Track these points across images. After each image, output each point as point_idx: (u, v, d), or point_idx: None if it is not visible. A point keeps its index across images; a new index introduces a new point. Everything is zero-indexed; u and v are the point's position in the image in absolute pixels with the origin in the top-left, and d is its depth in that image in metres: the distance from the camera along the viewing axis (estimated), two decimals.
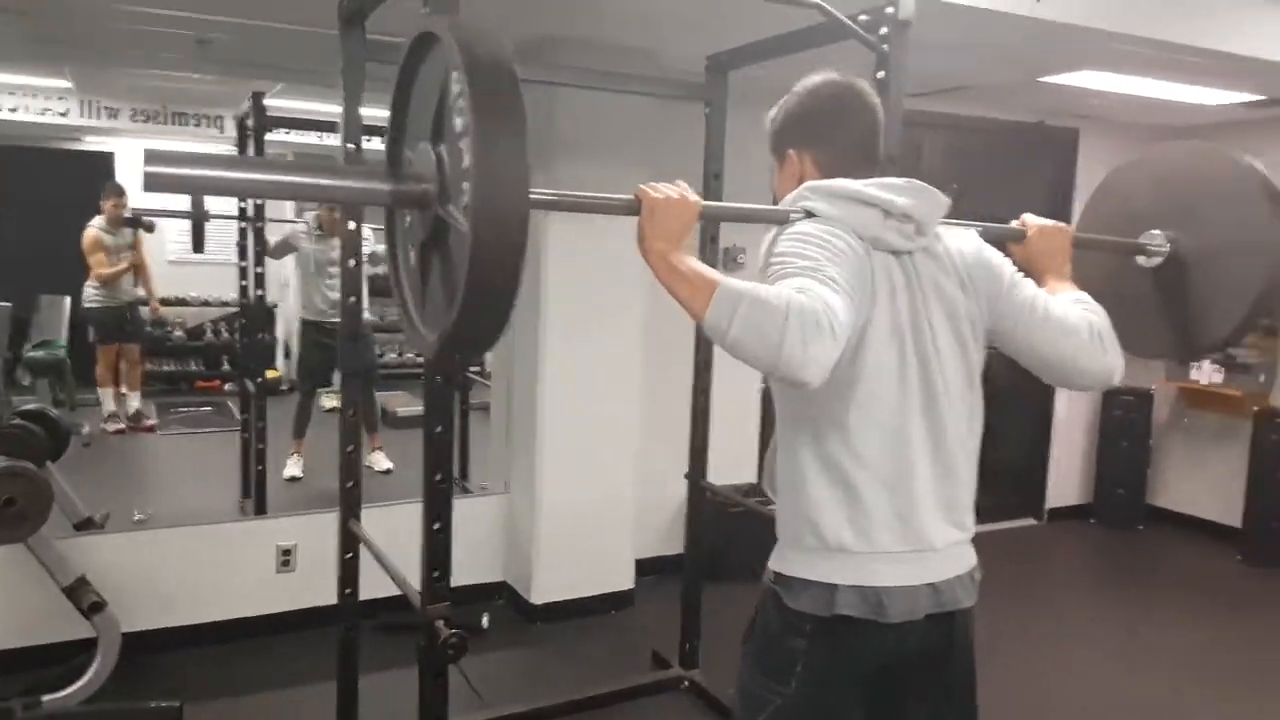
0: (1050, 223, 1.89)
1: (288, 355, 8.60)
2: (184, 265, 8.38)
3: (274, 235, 5.57)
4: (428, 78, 1.47)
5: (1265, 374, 5.22)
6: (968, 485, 1.66)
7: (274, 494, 4.66)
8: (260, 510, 4.46)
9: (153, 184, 1.27)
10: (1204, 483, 5.56)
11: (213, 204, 5.95)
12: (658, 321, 4.03)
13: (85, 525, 3.48)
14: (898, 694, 1.65)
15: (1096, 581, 5.16)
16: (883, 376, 1.55)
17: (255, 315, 5.55)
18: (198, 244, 5.87)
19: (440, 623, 2.02)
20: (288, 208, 7.12)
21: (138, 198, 6.89)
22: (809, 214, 1.57)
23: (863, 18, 2.42)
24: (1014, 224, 1.90)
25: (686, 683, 3.42)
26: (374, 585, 2.71)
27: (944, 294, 1.62)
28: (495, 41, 1.29)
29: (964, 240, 1.70)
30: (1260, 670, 3.88)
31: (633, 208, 1.53)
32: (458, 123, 1.28)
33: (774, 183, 1.77)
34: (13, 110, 6.76)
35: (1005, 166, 5.60)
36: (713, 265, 3.20)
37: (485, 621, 3.87)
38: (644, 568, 4.32)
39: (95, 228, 6.59)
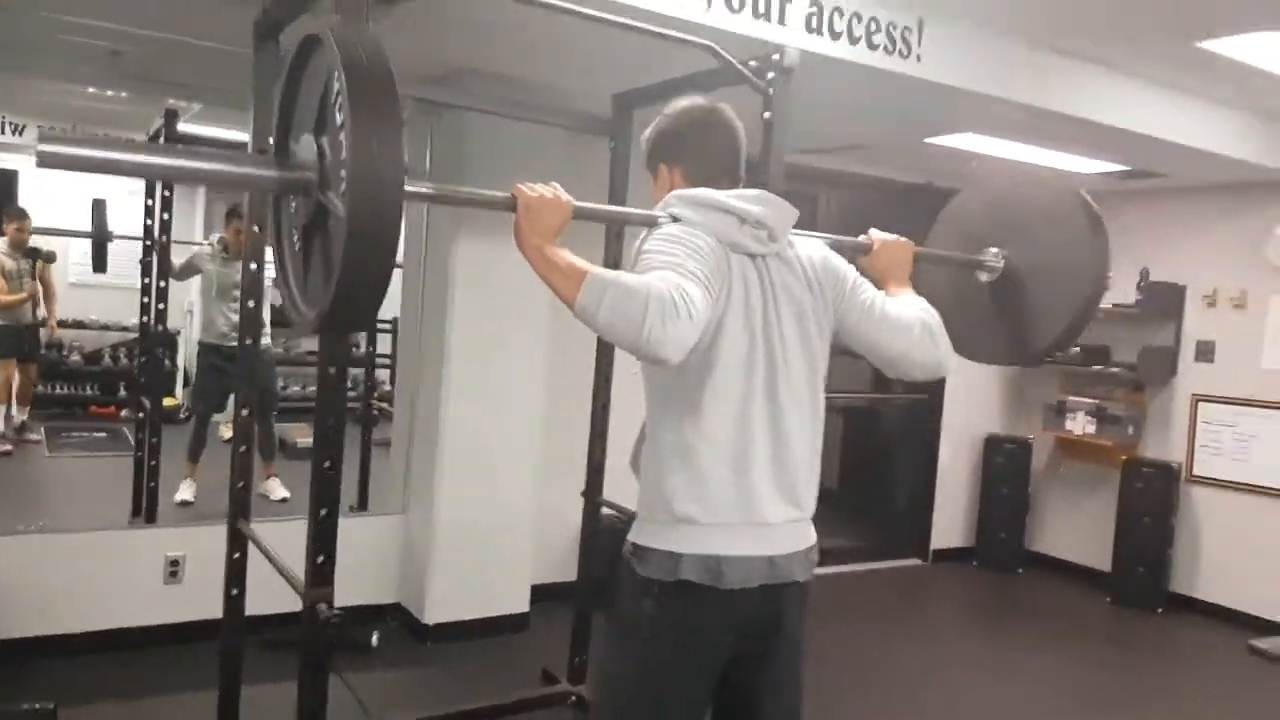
0: (893, 237, 2.12)
1: (187, 384, 8.44)
2: (84, 288, 8.20)
3: (179, 257, 5.53)
4: (313, 76, 1.60)
5: (1134, 426, 5.59)
6: (806, 469, 1.82)
7: (165, 514, 4.59)
8: (150, 521, 4.39)
9: (47, 161, 1.37)
10: (1078, 529, 5.88)
11: (116, 224, 5.93)
12: (561, 348, 4.16)
13: None
14: (738, 663, 1.79)
15: (978, 617, 5.37)
16: (733, 365, 1.72)
17: (156, 338, 5.48)
18: (99, 264, 5.81)
19: (323, 605, 2.07)
20: (196, 229, 7.08)
21: (41, 216, 6.80)
22: (674, 219, 1.75)
23: (753, 63, 2.65)
24: (861, 238, 2.10)
25: (574, 697, 3.48)
26: (261, 600, 2.77)
27: (793, 295, 1.81)
28: (373, 44, 1.43)
29: (813, 249, 1.90)
30: (1126, 696, 4.13)
31: (509, 204, 1.68)
32: (338, 117, 1.41)
33: (651, 195, 1.93)
34: None
35: (896, 224, 5.88)
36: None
37: (375, 640, 3.87)
38: (541, 593, 4.35)
39: None
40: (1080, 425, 5.71)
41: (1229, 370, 5.27)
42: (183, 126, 4.80)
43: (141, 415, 5.11)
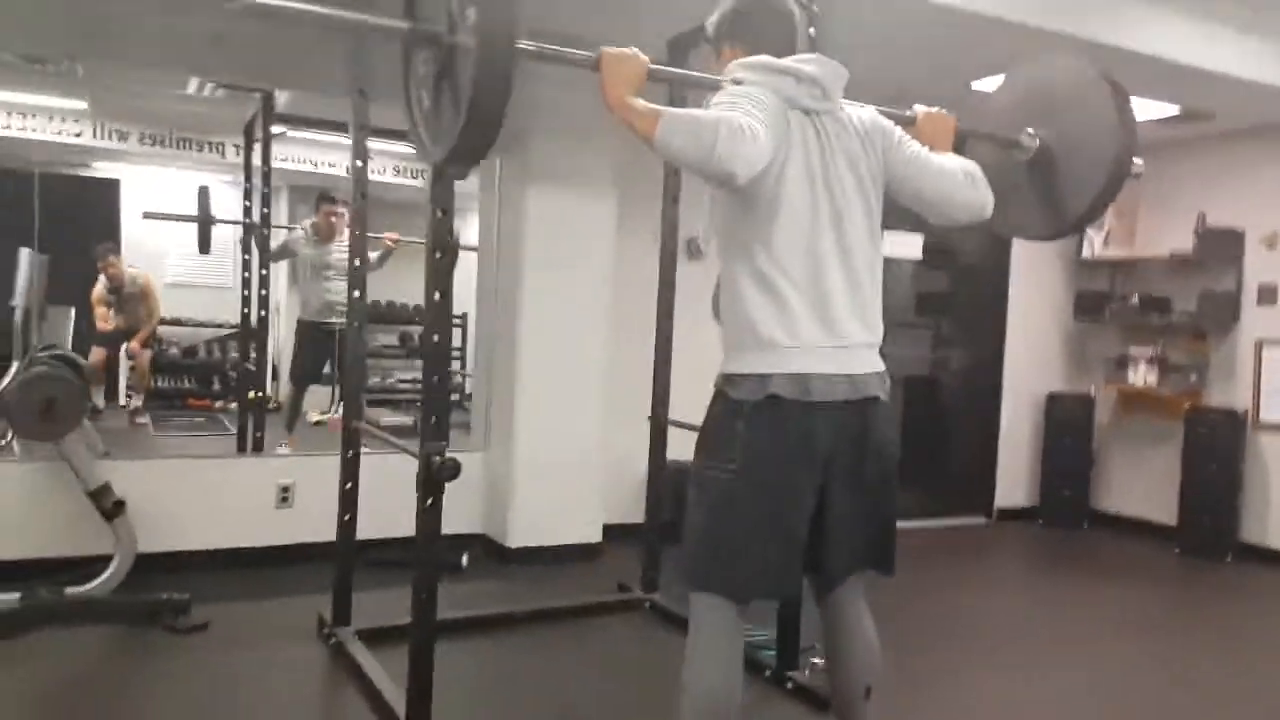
0: (936, 110, 2.32)
1: (275, 378, 8.93)
2: (182, 288, 8.75)
3: (274, 241, 5.94)
4: None
5: (1197, 374, 5.62)
6: (873, 298, 2.04)
7: None
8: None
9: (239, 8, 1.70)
10: (1143, 484, 5.88)
11: (217, 208, 6.37)
12: (624, 303, 4.44)
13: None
14: (830, 483, 1.97)
15: (1045, 571, 5.37)
16: (799, 205, 1.95)
17: (250, 333, 5.78)
18: (204, 246, 6.25)
19: (436, 457, 2.36)
20: (282, 216, 7.52)
21: (143, 223, 7.26)
22: (737, 83, 1.99)
23: None
24: (907, 112, 2.32)
25: (649, 604, 3.70)
26: (368, 526, 3.19)
27: (848, 148, 2.03)
28: None
29: (864, 111, 2.12)
30: (1191, 629, 4.17)
31: (594, 63, 1.95)
32: None
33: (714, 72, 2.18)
34: (25, 130, 7.15)
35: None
36: (673, 254, 3.71)
37: (465, 560, 4.16)
38: (611, 533, 4.60)
39: (100, 286, 7.23)
40: (1142, 377, 5.76)
41: None
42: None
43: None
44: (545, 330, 4.39)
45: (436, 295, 2.41)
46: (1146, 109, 5.09)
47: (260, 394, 5.47)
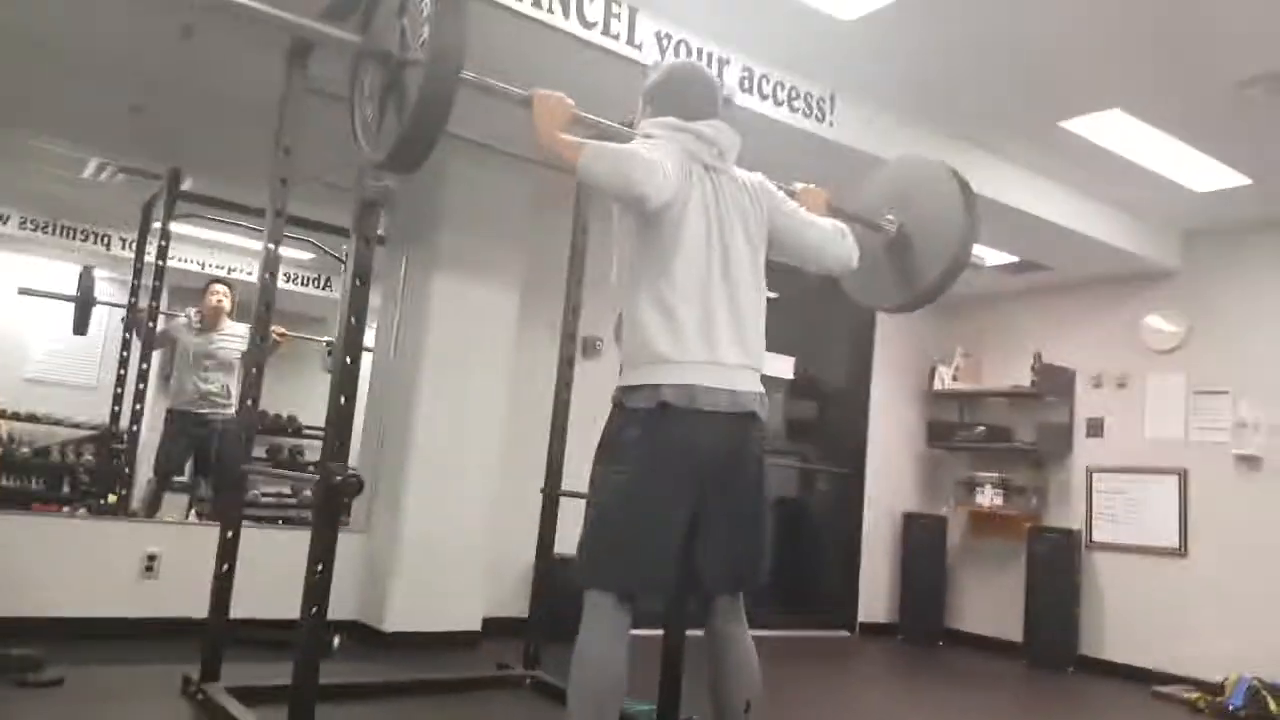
0: (813, 186, 2.69)
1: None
2: (42, 384, 8.37)
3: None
4: None
5: (1037, 497, 6.12)
6: (755, 331, 2.33)
7: None
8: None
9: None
10: (992, 602, 6.26)
11: (99, 290, 6.27)
12: (523, 377, 4.61)
13: None
14: (707, 488, 2.20)
15: (904, 681, 5.56)
16: (695, 243, 2.25)
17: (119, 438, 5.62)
18: (80, 326, 6.10)
19: (337, 476, 2.43)
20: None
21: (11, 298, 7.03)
22: (647, 136, 2.31)
23: None
24: (790, 186, 2.67)
25: (529, 680, 3.70)
26: (240, 605, 3.22)
27: (739, 202, 2.36)
28: None
29: (753, 175, 2.47)
30: None
31: (526, 100, 2.25)
32: (424, 8, 2.00)
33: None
34: None
35: (811, 304, 6.52)
36: (571, 356, 3.91)
37: (336, 643, 4.06)
38: (490, 626, 4.58)
39: None
40: (989, 498, 6.22)
41: (1117, 442, 5.87)
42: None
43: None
44: (440, 414, 4.49)
45: (352, 320, 2.54)
46: (993, 256, 5.74)
47: (124, 491, 5.29)
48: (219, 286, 5.85)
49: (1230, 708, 4.55)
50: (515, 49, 3.28)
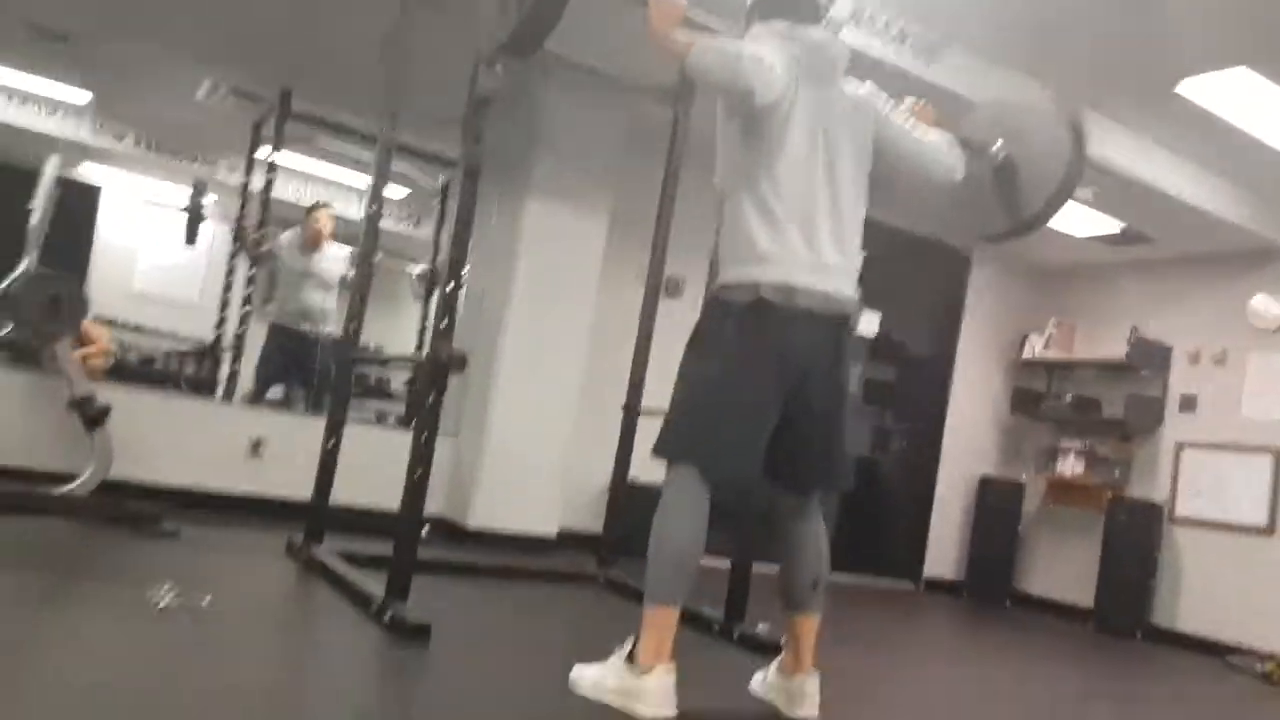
0: (923, 101, 2.72)
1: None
2: (147, 299, 8.76)
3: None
4: None
5: (1120, 469, 6.02)
6: (854, 236, 2.36)
7: None
8: None
9: None
10: (1065, 571, 6.19)
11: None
12: (606, 310, 4.72)
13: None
14: (798, 387, 2.25)
15: (971, 634, 5.53)
16: (800, 145, 2.28)
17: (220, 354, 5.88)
18: (190, 236, 6.37)
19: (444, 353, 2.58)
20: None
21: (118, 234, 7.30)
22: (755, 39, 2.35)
23: None
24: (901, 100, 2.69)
25: (603, 579, 3.83)
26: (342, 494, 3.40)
27: (845, 111, 2.37)
28: None
29: (863, 85, 2.48)
30: (1100, 690, 4.32)
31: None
32: None
33: None
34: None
35: (899, 273, 6.49)
36: (656, 294, 3.98)
37: (425, 531, 4.23)
38: (566, 538, 4.74)
39: None
40: (1070, 467, 6.14)
41: (1210, 419, 5.74)
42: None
43: None
44: (527, 336, 4.64)
45: (463, 215, 2.66)
46: (1095, 224, 5.64)
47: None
48: (323, 209, 6.01)
49: None
50: None
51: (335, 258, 5.81)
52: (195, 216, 6.27)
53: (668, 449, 2.27)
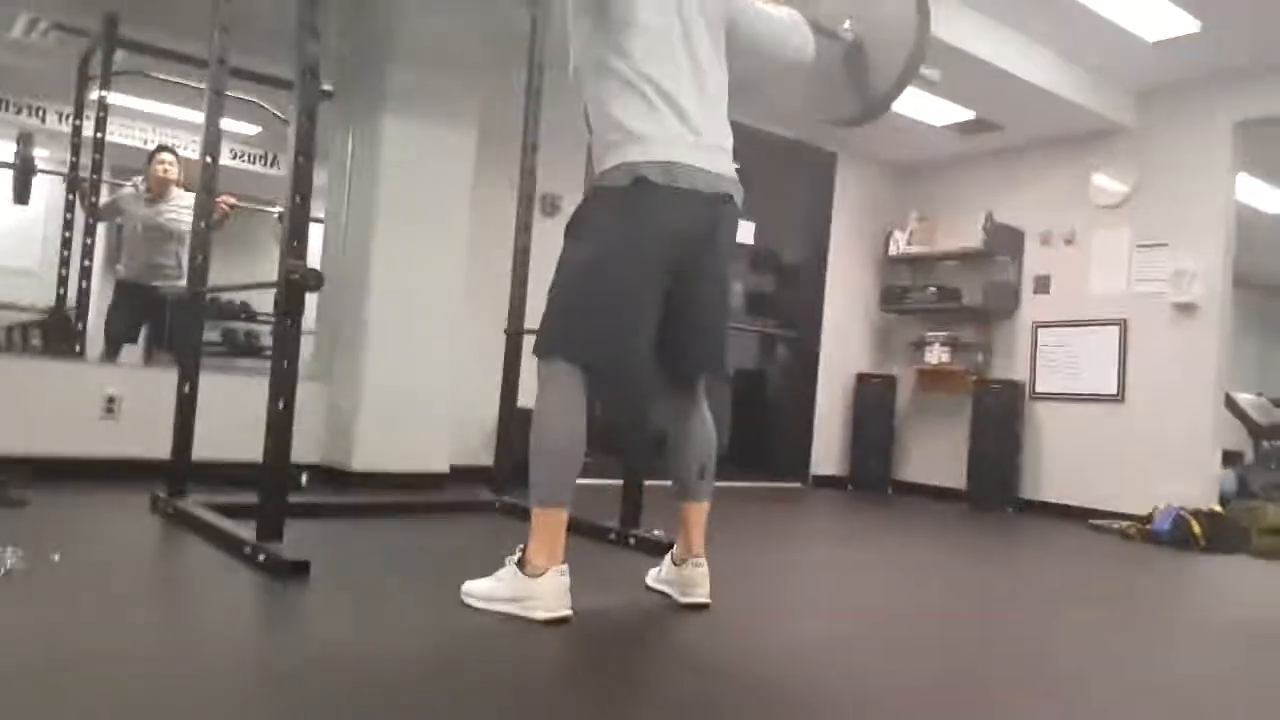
0: None
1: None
2: None
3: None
4: None
5: (983, 353, 6.32)
6: (723, 114, 2.32)
7: None
8: None
9: None
10: (938, 456, 6.51)
11: (39, 157, 6.06)
12: (481, 233, 4.60)
13: None
14: (681, 269, 2.24)
15: (852, 517, 5.73)
16: (655, 23, 2.22)
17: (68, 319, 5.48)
18: (21, 195, 5.90)
19: (294, 274, 2.45)
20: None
21: None
22: None
23: None
24: None
25: (497, 504, 3.80)
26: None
27: None
28: None
29: None
30: (978, 553, 4.61)
31: None
32: None
33: None
34: None
35: (772, 176, 6.59)
36: (530, 206, 3.88)
37: (304, 479, 4.13)
38: (460, 474, 4.66)
39: None
40: (936, 356, 6.39)
41: (1062, 298, 6.04)
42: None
43: None
44: (397, 261, 4.47)
45: (304, 118, 2.51)
46: (948, 113, 5.77)
47: (79, 348, 5.23)
48: (166, 154, 5.66)
49: (1157, 532, 4.81)
50: None
51: (184, 206, 5.45)
52: (25, 172, 5.80)
53: (541, 347, 2.22)
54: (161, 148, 5.81)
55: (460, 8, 4.47)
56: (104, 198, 5.65)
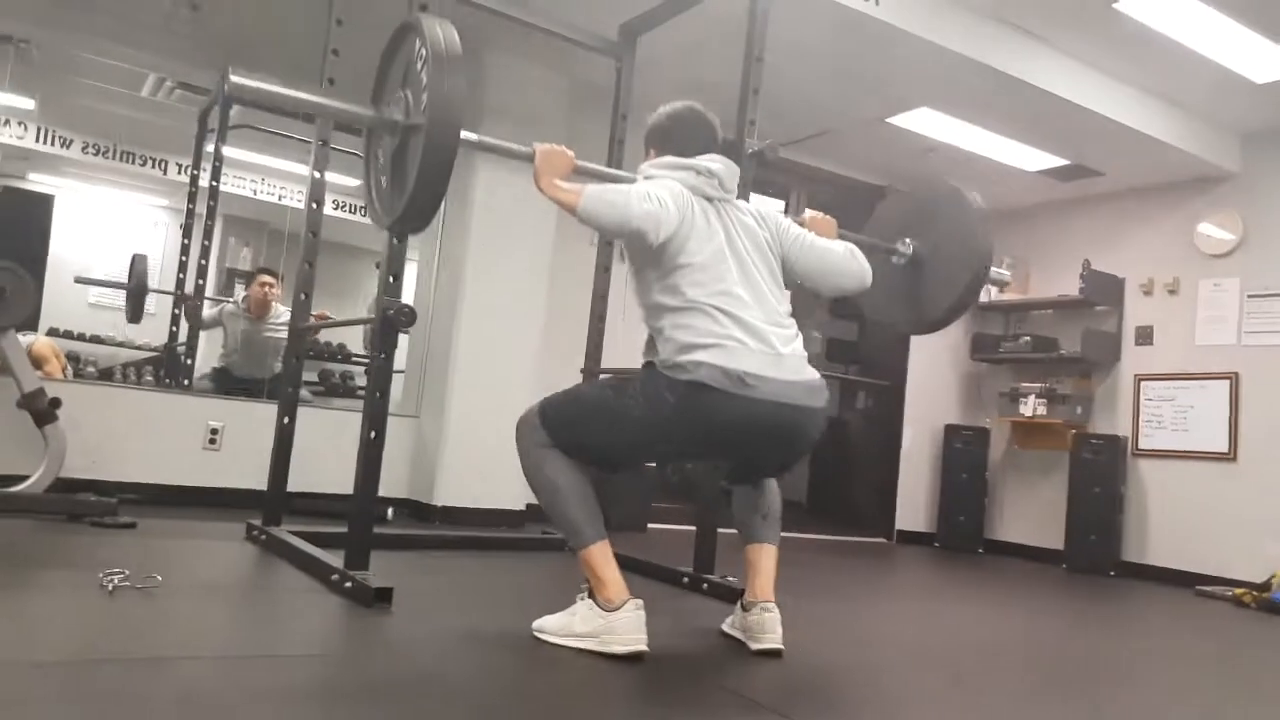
0: (821, 215, 2.78)
1: None
2: (104, 309, 8.61)
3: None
4: (403, 52, 2.35)
5: (1081, 406, 6.09)
6: (794, 333, 2.31)
7: None
8: None
9: (234, 93, 2.15)
10: (1034, 514, 6.27)
11: (152, 237, 6.40)
12: (561, 275, 4.69)
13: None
14: (745, 452, 2.31)
15: (942, 576, 5.58)
16: (708, 262, 2.25)
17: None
18: (134, 314, 6.16)
19: (390, 310, 2.55)
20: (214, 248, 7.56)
21: (75, 250, 7.16)
22: (648, 178, 2.37)
23: None
24: (799, 217, 2.73)
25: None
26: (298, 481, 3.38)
27: (745, 223, 2.39)
28: (449, 28, 2.17)
29: (759, 204, 2.53)
30: (1077, 624, 4.42)
31: (529, 155, 2.38)
32: (423, 78, 2.13)
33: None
34: None
35: (859, 222, 6.57)
36: (608, 257, 3.93)
37: (390, 514, 4.23)
38: (537, 511, 4.68)
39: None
40: (1032, 408, 6.19)
41: (1167, 349, 5.81)
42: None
43: None
44: (483, 306, 4.60)
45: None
46: (1041, 159, 5.68)
47: (186, 381, 5.47)
48: (266, 275, 5.84)
49: (1277, 600, 4.54)
50: None
51: (284, 324, 5.61)
52: (139, 293, 6.09)
53: (548, 435, 2.28)
54: (262, 270, 5.99)
55: (546, 61, 4.60)
56: (207, 311, 5.86)
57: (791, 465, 2.44)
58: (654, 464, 2.31)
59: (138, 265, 6.09)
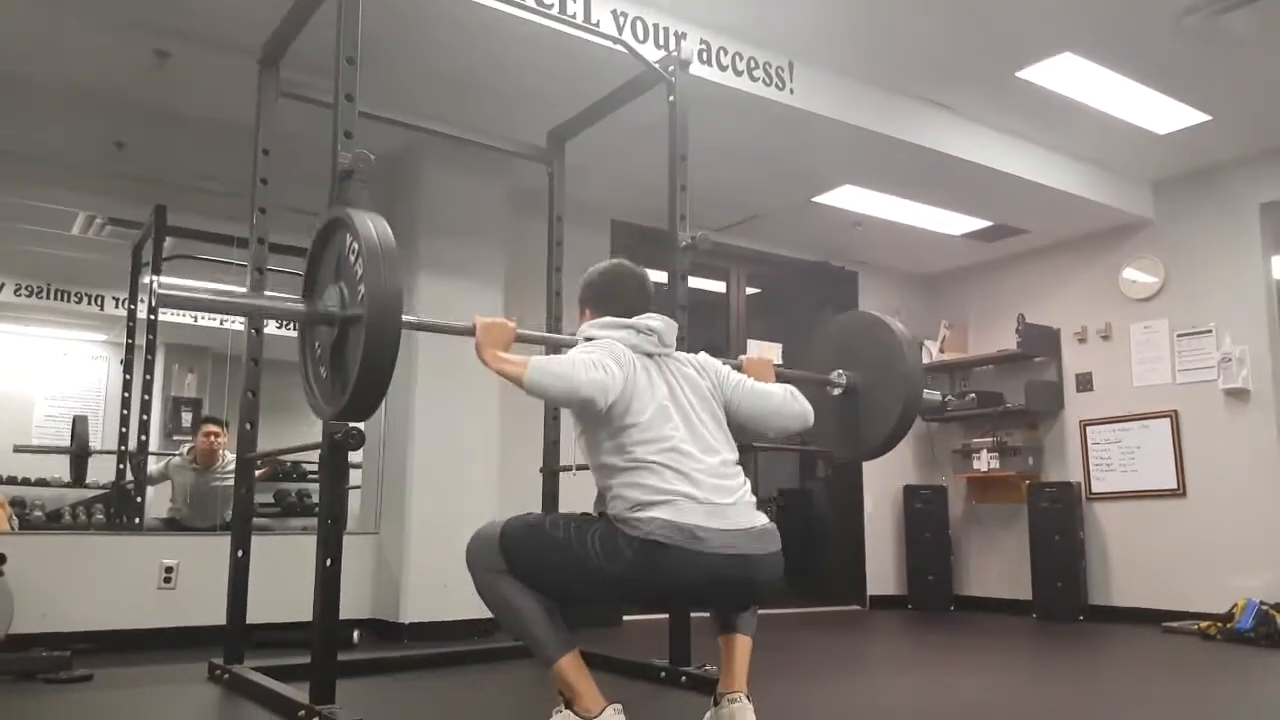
0: (758, 356, 2.87)
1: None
2: (45, 451, 8.41)
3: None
4: (330, 246, 2.38)
5: (1033, 456, 6.20)
6: (742, 482, 2.35)
7: None
8: None
9: (165, 300, 2.14)
10: (998, 564, 6.34)
11: (90, 372, 6.31)
12: (515, 400, 4.69)
13: None
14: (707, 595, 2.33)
15: (914, 638, 5.52)
16: (653, 419, 2.29)
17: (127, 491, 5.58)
18: (78, 478, 6.06)
19: (338, 434, 2.54)
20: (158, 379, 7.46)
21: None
22: (589, 339, 2.44)
23: (656, 61, 3.43)
24: (736, 359, 2.82)
25: None
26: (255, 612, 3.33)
27: (688, 375, 2.47)
28: (380, 221, 2.22)
29: (696, 355, 2.58)
30: (1054, 671, 4.44)
31: (469, 330, 2.42)
32: (357, 270, 2.16)
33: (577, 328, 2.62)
34: None
35: (798, 298, 6.75)
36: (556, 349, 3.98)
37: (356, 636, 4.13)
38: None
39: None
40: (985, 462, 6.29)
41: (1107, 393, 5.97)
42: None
43: None
44: (436, 414, 4.57)
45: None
46: (965, 223, 5.89)
47: (137, 520, 5.33)
48: (212, 425, 5.78)
49: (1241, 630, 4.60)
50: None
51: (231, 472, 5.56)
52: (81, 456, 6.00)
53: (495, 547, 2.33)
54: (207, 418, 5.93)
55: (483, 170, 4.70)
56: (152, 465, 5.74)
57: (750, 605, 2.43)
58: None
59: (79, 428, 6.00)
